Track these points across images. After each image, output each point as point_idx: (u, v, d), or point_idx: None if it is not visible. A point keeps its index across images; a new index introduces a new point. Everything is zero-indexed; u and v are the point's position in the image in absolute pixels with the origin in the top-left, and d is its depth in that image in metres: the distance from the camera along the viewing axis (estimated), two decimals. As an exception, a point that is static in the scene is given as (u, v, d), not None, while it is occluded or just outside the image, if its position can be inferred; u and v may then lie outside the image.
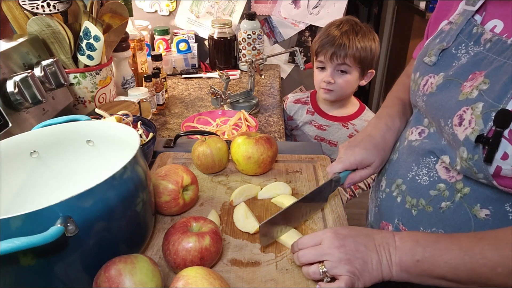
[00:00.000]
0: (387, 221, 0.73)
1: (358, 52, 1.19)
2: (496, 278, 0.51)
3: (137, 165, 0.58)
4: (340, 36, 1.18)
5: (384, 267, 0.56)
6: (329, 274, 0.56)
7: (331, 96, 1.27)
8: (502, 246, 0.51)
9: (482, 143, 0.54)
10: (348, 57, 1.19)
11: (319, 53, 1.22)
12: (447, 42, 0.65)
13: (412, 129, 0.72)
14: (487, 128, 0.53)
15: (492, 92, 0.54)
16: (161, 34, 1.71)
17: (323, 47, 1.20)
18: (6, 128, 0.79)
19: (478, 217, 0.60)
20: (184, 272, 0.52)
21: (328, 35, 1.20)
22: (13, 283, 0.49)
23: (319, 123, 1.34)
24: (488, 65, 0.57)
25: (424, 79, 0.68)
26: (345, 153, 0.73)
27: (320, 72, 1.26)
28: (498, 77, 0.55)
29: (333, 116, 1.33)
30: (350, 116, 1.33)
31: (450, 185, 0.62)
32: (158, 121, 1.27)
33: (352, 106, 1.35)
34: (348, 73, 1.23)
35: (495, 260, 0.50)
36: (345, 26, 1.20)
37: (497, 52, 0.57)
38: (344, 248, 0.56)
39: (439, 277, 0.54)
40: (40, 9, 0.95)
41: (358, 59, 1.20)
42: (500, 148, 0.53)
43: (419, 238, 0.56)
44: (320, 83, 1.25)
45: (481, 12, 0.63)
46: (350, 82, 1.24)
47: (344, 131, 1.32)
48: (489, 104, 0.54)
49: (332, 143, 1.33)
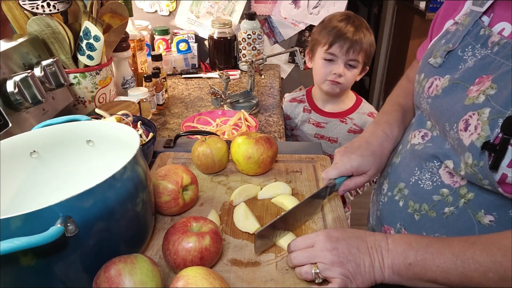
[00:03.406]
0: (389, 225, 0.73)
1: (369, 48, 1.21)
2: (487, 283, 0.51)
3: (137, 165, 0.58)
4: (355, 31, 1.18)
5: (377, 270, 0.56)
6: (321, 276, 0.56)
7: (338, 89, 1.26)
8: (494, 251, 0.51)
9: (488, 150, 0.53)
10: (361, 52, 1.20)
11: (333, 44, 1.19)
12: (453, 43, 0.64)
13: (415, 132, 0.71)
14: (493, 135, 0.52)
15: (499, 98, 0.53)
16: (161, 34, 1.71)
17: (338, 39, 1.18)
18: (6, 128, 0.79)
19: (482, 223, 0.59)
20: (184, 272, 0.52)
21: (336, 27, 1.19)
22: (13, 283, 0.49)
23: (316, 121, 1.33)
24: (496, 70, 0.56)
25: (429, 81, 0.66)
26: (341, 159, 0.73)
27: (328, 64, 1.23)
28: (506, 83, 0.54)
29: (330, 112, 1.33)
30: (347, 110, 1.33)
31: (453, 190, 0.62)
32: (158, 121, 1.27)
33: (349, 100, 1.35)
34: (355, 68, 1.24)
35: (487, 265, 0.50)
36: (356, 21, 1.21)
37: (505, 57, 0.56)
38: (336, 251, 0.56)
39: (430, 281, 0.54)
40: (40, 9, 0.95)
41: (368, 55, 1.23)
42: (506, 156, 0.52)
43: (411, 241, 0.56)
44: (328, 75, 1.23)
45: (489, 13, 0.62)
46: (355, 76, 1.25)
47: (342, 126, 1.32)
48: (496, 110, 0.53)
49: (332, 139, 1.33)
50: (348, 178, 0.73)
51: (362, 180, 0.73)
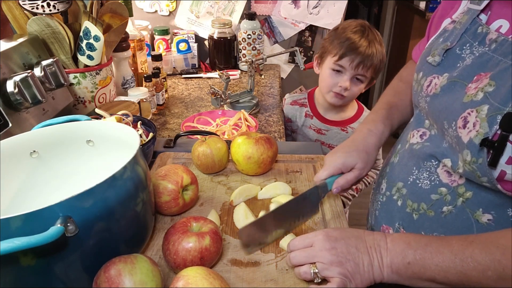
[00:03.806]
0: (387, 224, 0.73)
1: (379, 64, 1.19)
2: (486, 282, 0.51)
3: (137, 165, 0.58)
4: (368, 46, 1.15)
5: (375, 269, 0.56)
6: (320, 276, 0.56)
7: (341, 102, 1.25)
8: (493, 249, 0.51)
9: (487, 147, 0.53)
10: (371, 68, 1.18)
11: (343, 57, 1.16)
12: (451, 41, 0.64)
13: (413, 131, 0.71)
14: (492, 132, 0.53)
15: (498, 95, 0.54)
16: (161, 34, 1.71)
17: (349, 53, 1.15)
18: (6, 128, 0.79)
19: (480, 222, 0.59)
20: (184, 272, 0.52)
21: (349, 39, 1.15)
22: (13, 283, 0.49)
23: (318, 127, 1.33)
24: (494, 67, 0.56)
25: (427, 80, 0.66)
26: (328, 160, 0.75)
27: (335, 75, 1.21)
28: (504, 80, 0.54)
29: (332, 120, 1.32)
30: (349, 119, 1.32)
31: (452, 189, 0.62)
32: (158, 121, 1.27)
33: (351, 109, 1.34)
34: (362, 82, 1.22)
35: (485, 263, 0.50)
36: (370, 34, 1.17)
37: (503, 54, 0.56)
38: (335, 251, 0.56)
39: (429, 280, 0.54)
40: (40, 9, 0.95)
41: (377, 70, 1.20)
42: (505, 152, 0.52)
43: (410, 240, 0.56)
44: (334, 87, 1.21)
45: (487, 11, 0.62)
46: (361, 90, 1.24)
47: (343, 135, 1.31)
48: (494, 107, 0.53)
49: (332, 146, 1.32)
50: (339, 176, 0.74)
51: (353, 176, 0.74)
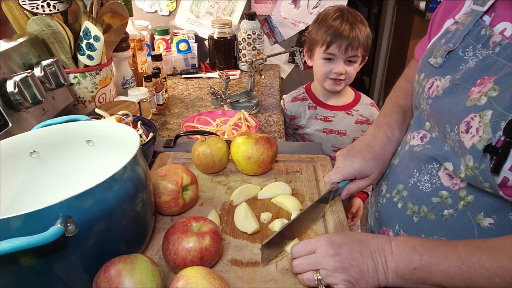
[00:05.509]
0: (387, 226, 0.72)
1: (366, 41, 1.22)
2: None
3: (137, 165, 0.58)
4: (351, 28, 1.19)
5: (380, 274, 0.55)
6: (324, 282, 0.55)
7: (341, 86, 1.28)
8: (501, 256, 0.50)
9: (490, 153, 0.52)
10: (360, 48, 1.21)
11: (330, 45, 1.20)
12: (453, 43, 0.63)
13: (413, 133, 0.70)
14: (495, 138, 0.52)
15: (502, 100, 0.53)
16: (161, 34, 1.71)
17: (335, 39, 1.19)
18: (6, 128, 0.79)
19: (481, 225, 0.58)
20: (184, 272, 0.52)
21: (332, 27, 1.19)
22: (13, 283, 0.49)
23: (323, 116, 1.34)
24: (498, 71, 0.55)
25: (429, 81, 0.65)
26: (343, 163, 0.72)
27: (327, 64, 1.24)
28: (508, 85, 0.53)
29: (335, 106, 1.34)
30: (350, 103, 1.35)
31: (453, 193, 0.61)
32: (158, 121, 1.27)
33: (349, 94, 1.37)
34: (355, 62, 1.25)
35: (493, 270, 0.49)
36: (350, 17, 1.21)
37: (507, 58, 0.55)
38: (339, 257, 0.55)
39: (435, 285, 0.53)
40: (40, 9, 0.95)
41: (366, 47, 1.24)
42: (508, 159, 0.51)
43: (416, 245, 0.55)
44: (329, 74, 1.25)
45: (490, 13, 0.61)
46: (356, 70, 1.27)
47: (349, 118, 1.33)
48: (498, 113, 0.52)
49: (341, 132, 1.33)
50: (351, 181, 0.72)
51: (365, 184, 0.72)
